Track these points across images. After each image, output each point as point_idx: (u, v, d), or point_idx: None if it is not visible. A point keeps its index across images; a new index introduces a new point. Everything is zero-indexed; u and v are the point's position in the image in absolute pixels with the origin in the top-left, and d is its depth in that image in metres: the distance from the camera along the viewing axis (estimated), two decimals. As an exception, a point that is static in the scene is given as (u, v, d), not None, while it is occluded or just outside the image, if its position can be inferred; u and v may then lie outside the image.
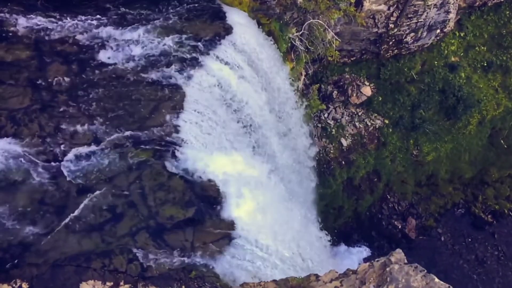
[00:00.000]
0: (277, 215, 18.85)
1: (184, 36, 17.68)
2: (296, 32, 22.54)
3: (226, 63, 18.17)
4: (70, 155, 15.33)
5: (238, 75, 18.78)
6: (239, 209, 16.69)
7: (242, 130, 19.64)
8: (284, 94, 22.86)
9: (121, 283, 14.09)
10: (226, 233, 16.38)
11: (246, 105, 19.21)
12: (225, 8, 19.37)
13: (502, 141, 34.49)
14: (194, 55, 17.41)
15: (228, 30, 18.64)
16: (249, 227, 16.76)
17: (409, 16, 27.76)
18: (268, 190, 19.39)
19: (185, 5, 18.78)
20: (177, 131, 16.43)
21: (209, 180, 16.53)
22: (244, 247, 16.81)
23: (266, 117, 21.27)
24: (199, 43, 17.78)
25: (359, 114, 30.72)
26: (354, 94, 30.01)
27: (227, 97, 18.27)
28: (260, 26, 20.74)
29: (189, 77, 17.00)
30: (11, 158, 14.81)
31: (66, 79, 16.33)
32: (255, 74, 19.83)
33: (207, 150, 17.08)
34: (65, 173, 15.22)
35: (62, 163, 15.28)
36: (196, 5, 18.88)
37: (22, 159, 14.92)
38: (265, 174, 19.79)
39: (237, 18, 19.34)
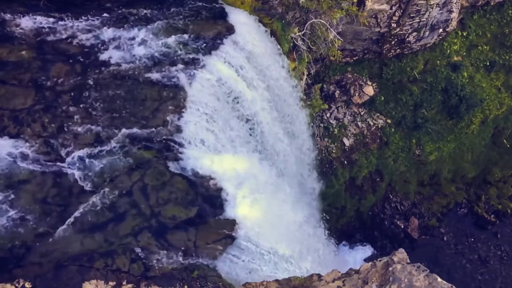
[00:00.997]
0: (281, 216, 18.86)
1: (186, 36, 17.70)
2: (298, 32, 22.52)
3: (229, 63, 18.20)
4: (73, 155, 15.37)
5: (239, 75, 18.83)
6: (242, 209, 16.71)
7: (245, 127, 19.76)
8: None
9: (124, 283, 14.12)
10: (228, 233, 16.40)
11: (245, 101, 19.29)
12: (227, 8, 19.39)
13: (505, 141, 34.41)
14: (196, 55, 17.43)
15: (231, 29, 18.66)
16: (252, 227, 16.78)
17: (411, 15, 27.69)
18: (272, 191, 19.40)
19: (187, 5, 18.80)
20: (180, 131, 16.45)
21: (212, 180, 16.56)
22: (246, 247, 16.84)
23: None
24: (201, 43, 17.80)
25: (362, 113, 30.68)
26: (357, 94, 29.97)
27: (231, 96, 18.31)
28: (263, 25, 20.77)
29: (192, 77, 17.02)
30: (14, 158, 14.85)
31: (69, 79, 16.37)
32: (256, 74, 19.88)
33: (210, 150, 17.09)
34: (68, 173, 15.26)
35: (65, 163, 15.32)
36: (198, 5, 18.91)
37: (25, 159, 14.96)
38: (270, 176, 19.82)
39: (239, 17, 19.36)
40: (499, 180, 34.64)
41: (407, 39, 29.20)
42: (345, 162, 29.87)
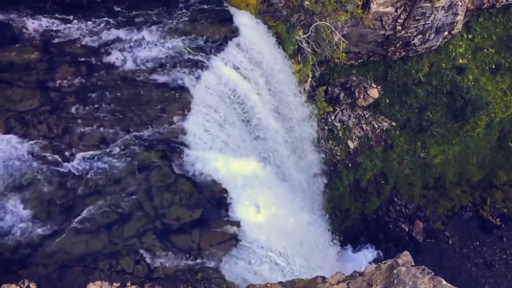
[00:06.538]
0: (285, 218, 18.84)
1: (191, 38, 17.75)
2: (303, 34, 22.56)
3: (234, 65, 18.23)
4: (79, 157, 15.43)
5: (244, 77, 18.86)
6: (246, 211, 16.70)
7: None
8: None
9: (128, 284, 14.15)
10: (232, 234, 16.40)
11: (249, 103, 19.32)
12: (232, 10, 19.44)
13: (510, 144, 34.28)
14: (201, 57, 17.48)
15: (236, 32, 18.70)
16: (256, 229, 16.76)
17: (416, 18, 27.68)
18: (276, 194, 19.38)
19: (192, 7, 18.87)
20: (185, 133, 16.49)
21: (216, 182, 16.57)
22: (250, 249, 16.82)
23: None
24: (206, 45, 17.85)
25: (366, 116, 30.64)
26: (361, 96, 29.95)
27: (236, 98, 18.34)
28: (268, 28, 20.80)
29: (197, 79, 17.07)
30: (20, 160, 14.92)
31: (75, 81, 16.45)
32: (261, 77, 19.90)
33: (214, 152, 17.12)
34: (74, 175, 15.31)
35: (70, 164, 15.38)
36: (203, 7, 18.97)
37: (31, 161, 15.03)
38: (275, 178, 19.79)
39: (244, 20, 19.40)
40: (504, 183, 34.48)
41: (412, 41, 29.16)
42: (350, 164, 29.83)
